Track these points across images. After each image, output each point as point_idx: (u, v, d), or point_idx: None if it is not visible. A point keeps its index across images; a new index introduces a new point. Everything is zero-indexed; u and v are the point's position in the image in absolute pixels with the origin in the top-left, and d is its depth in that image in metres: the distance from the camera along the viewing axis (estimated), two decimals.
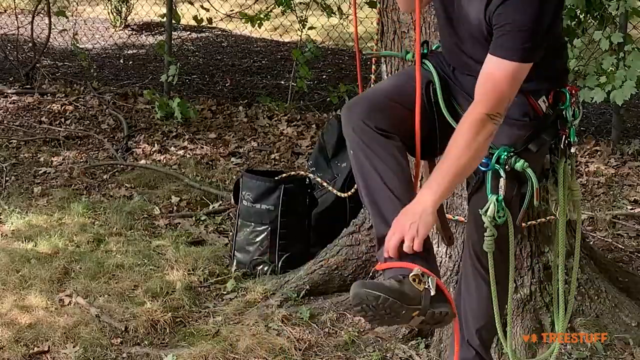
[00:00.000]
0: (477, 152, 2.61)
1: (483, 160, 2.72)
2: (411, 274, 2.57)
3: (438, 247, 3.62)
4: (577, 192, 2.90)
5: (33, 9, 8.50)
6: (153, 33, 10.60)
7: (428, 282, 2.58)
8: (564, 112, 2.79)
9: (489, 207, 2.75)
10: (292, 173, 4.42)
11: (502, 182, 2.73)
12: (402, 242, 2.59)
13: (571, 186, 2.88)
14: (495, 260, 2.82)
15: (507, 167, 2.73)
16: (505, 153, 2.73)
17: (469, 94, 2.78)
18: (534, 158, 2.77)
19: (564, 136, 2.80)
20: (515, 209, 2.81)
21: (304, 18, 7.28)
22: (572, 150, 2.82)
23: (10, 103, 7.44)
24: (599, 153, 6.08)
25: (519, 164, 2.73)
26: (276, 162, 6.04)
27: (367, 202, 2.77)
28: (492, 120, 2.58)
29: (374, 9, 6.08)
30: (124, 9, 10.73)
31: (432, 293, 2.58)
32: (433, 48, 3.02)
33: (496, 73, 2.57)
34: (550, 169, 2.85)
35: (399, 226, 2.60)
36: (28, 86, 7.89)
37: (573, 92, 2.84)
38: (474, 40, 2.70)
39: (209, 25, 7.83)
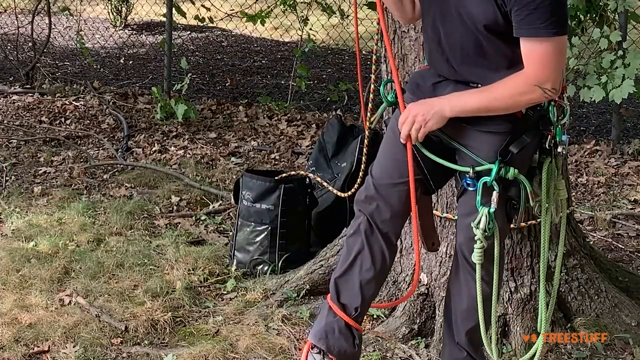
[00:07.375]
0: (512, 106, 2.66)
1: (468, 180, 2.75)
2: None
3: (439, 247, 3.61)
4: (562, 192, 2.88)
5: (33, 9, 8.51)
6: (153, 33, 10.61)
7: None
8: (548, 113, 2.77)
9: (480, 220, 2.75)
10: (292, 173, 4.42)
11: (494, 195, 2.72)
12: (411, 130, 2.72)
13: (557, 185, 2.86)
14: (483, 265, 2.82)
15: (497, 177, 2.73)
16: (496, 167, 2.72)
17: None
18: (519, 160, 2.75)
19: (549, 136, 2.78)
20: (500, 213, 2.79)
21: (304, 17, 7.28)
22: (559, 149, 2.80)
23: (10, 103, 7.45)
24: (599, 153, 6.08)
25: (510, 173, 2.73)
26: (276, 162, 6.04)
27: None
28: (544, 92, 2.61)
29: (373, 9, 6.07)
30: (124, 8, 10.74)
31: None
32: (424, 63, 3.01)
33: (538, 53, 2.57)
34: (538, 169, 2.83)
35: (413, 111, 2.71)
36: (28, 86, 7.90)
37: None
38: (469, 37, 2.67)
39: (209, 24, 7.84)
